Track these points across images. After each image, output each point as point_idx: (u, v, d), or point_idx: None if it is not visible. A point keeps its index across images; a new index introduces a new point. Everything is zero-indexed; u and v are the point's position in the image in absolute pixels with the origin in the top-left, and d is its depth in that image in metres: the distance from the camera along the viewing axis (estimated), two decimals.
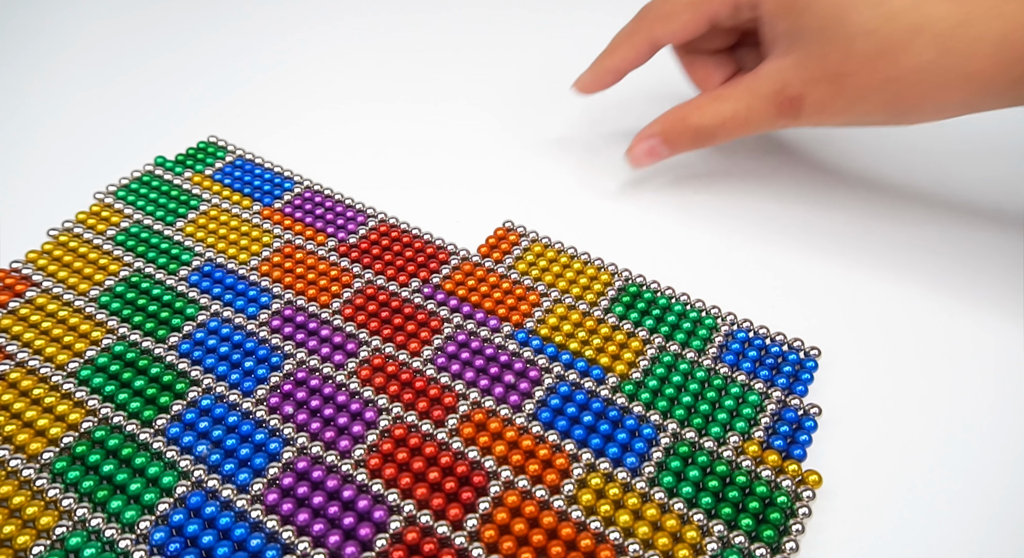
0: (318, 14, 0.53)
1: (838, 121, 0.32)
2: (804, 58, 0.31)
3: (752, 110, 0.33)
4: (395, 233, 0.35)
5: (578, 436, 0.27)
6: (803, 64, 0.31)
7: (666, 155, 0.36)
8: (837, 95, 0.31)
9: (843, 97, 0.31)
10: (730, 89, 0.34)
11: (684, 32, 0.35)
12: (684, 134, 0.35)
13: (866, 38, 0.29)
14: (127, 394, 0.27)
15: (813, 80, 0.31)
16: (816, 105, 0.31)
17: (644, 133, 0.36)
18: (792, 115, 0.32)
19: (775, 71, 0.32)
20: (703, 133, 0.34)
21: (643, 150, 0.36)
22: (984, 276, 0.34)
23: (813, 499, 0.25)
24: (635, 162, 0.36)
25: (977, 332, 0.32)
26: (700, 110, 0.34)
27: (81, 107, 0.43)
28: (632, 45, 0.36)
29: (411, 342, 0.30)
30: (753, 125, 0.33)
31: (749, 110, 0.33)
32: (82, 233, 0.34)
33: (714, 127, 0.34)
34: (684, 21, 0.34)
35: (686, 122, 0.35)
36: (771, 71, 0.32)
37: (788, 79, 0.32)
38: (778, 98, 0.32)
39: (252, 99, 0.44)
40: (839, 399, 0.29)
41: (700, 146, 0.35)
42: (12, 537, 0.23)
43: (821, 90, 0.31)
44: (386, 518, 0.24)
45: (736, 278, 0.34)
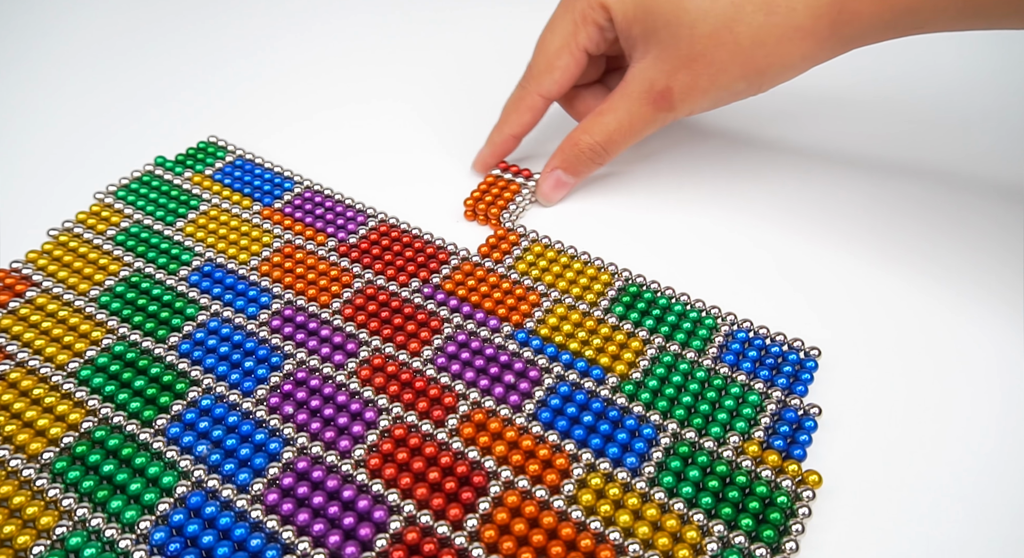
0: (318, 14, 0.53)
1: (709, 100, 0.34)
2: (660, 53, 0.33)
3: (632, 115, 0.35)
4: (395, 233, 0.35)
5: (578, 436, 0.27)
6: (661, 58, 0.33)
7: (573, 183, 0.38)
8: (698, 77, 0.33)
9: (703, 77, 0.33)
10: (608, 103, 0.35)
11: (569, 76, 0.36)
12: (581, 158, 0.36)
13: (704, 19, 0.32)
14: (127, 394, 0.27)
15: (673, 70, 0.33)
16: (684, 92, 0.34)
17: (546, 168, 0.37)
18: (667, 107, 0.34)
19: (640, 72, 0.34)
20: (597, 150, 0.36)
21: (550, 185, 0.37)
22: (985, 276, 0.34)
23: (813, 499, 0.25)
24: (545, 198, 0.38)
25: (978, 332, 0.32)
26: (587, 131, 0.36)
27: (81, 107, 0.43)
28: (524, 107, 0.37)
29: (411, 342, 0.30)
30: (638, 127, 0.35)
31: (630, 115, 0.35)
32: (82, 233, 0.34)
33: (604, 142, 0.36)
34: (565, 65, 0.36)
35: (579, 146, 0.36)
36: (636, 73, 0.34)
37: (652, 76, 0.34)
38: (650, 96, 0.34)
39: (252, 99, 0.44)
40: (839, 399, 0.29)
41: (599, 164, 0.37)
42: (12, 537, 0.23)
43: (683, 77, 0.33)
44: (386, 518, 0.24)
45: (736, 278, 0.34)
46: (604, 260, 0.34)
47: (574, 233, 0.36)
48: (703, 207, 0.38)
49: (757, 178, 0.40)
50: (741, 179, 0.40)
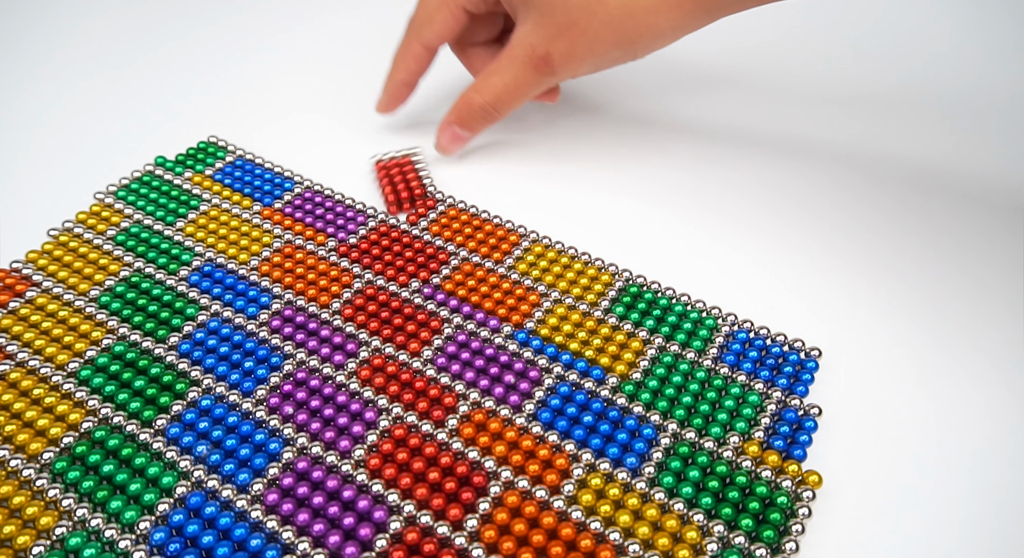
0: (319, 14, 0.53)
1: (587, 66, 0.36)
2: (538, 19, 0.35)
3: (517, 77, 0.37)
4: (395, 233, 0.35)
5: (578, 436, 0.27)
6: (540, 25, 0.35)
7: (467, 138, 0.40)
8: (574, 44, 0.35)
9: (579, 45, 0.35)
10: (496, 64, 0.37)
11: (447, 29, 0.38)
12: (473, 115, 0.38)
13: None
14: (127, 394, 0.27)
15: (551, 37, 0.35)
16: (563, 57, 0.35)
17: (443, 122, 0.39)
18: (548, 72, 0.36)
19: (521, 37, 0.36)
20: (487, 109, 0.38)
21: (447, 138, 0.39)
22: (986, 276, 0.34)
23: (813, 499, 0.25)
24: (443, 150, 0.40)
25: (978, 332, 0.32)
26: (478, 91, 0.38)
27: (81, 107, 0.43)
28: (410, 56, 0.39)
29: (411, 342, 0.30)
30: (523, 89, 0.37)
31: (515, 78, 0.37)
32: (82, 233, 0.34)
33: (494, 102, 0.38)
34: (443, 19, 0.38)
35: (471, 104, 0.38)
36: (519, 38, 0.36)
37: (533, 42, 0.36)
38: (532, 60, 0.36)
39: (253, 99, 0.44)
40: (840, 399, 0.29)
41: (491, 122, 0.39)
42: (12, 537, 0.23)
43: (560, 44, 0.35)
44: (386, 518, 0.24)
45: (737, 279, 0.34)
46: (604, 260, 0.34)
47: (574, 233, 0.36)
48: (704, 208, 0.38)
49: (759, 180, 0.40)
50: (743, 181, 0.40)
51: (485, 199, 0.38)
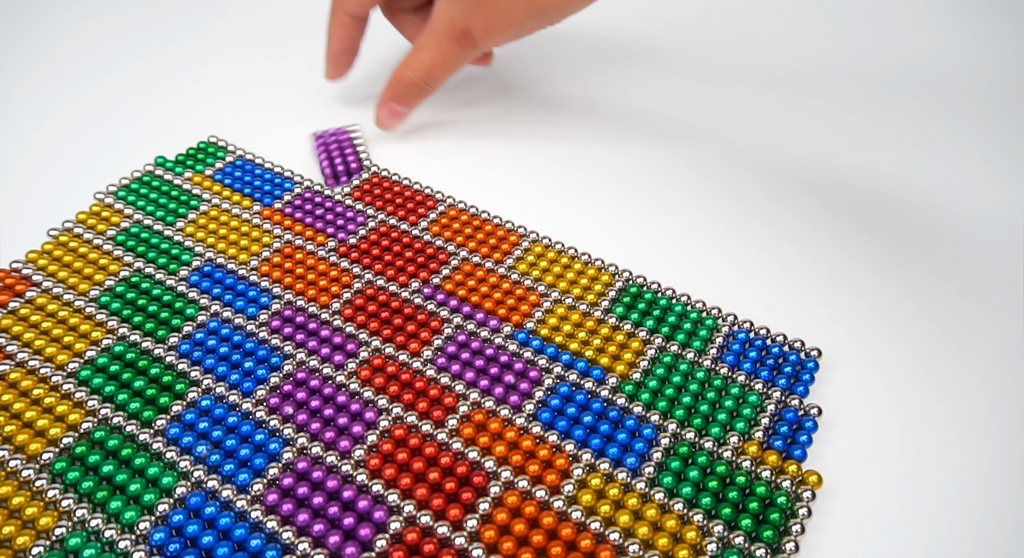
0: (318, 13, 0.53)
1: (507, 36, 0.37)
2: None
3: (443, 51, 0.37)
4: (395, 233, 0.35)
5: (578, 436, 0.27)
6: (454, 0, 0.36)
7: (405, 112, 0.40)
8: (491, 18, 0.36)
9: (496, 18, 0.36)
10: (422, 39, 0.38)
11: None
12: (406, 90, 0.39)
13: None
14: (127, 394, 0.27)
15: (468, 11, 0.36)
16: (482, 31, 0.36)
17: (381, 99, 0.40)
18: (470, 44, 0.37)
19: (442, 11, 0.37)
20: (420, 84, 0.39)
21: (386, 114, 0.40)
22: (986, 276, 0.34)
23: (813, 499, 0.25)
24: (383, 125, 0.41)
25: (978, 332, 0.32)
26: (409, 67, 0.39)
27: (81, 107, 0.43)
28: (339, 24, 0.40)
29: (411, 343, 0.30)
30: (450, 63, 0.38)
31: (441, 52, 0.37)
32: (82, 233, 0.34)
33: (424, 77, 0.38)
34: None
35: (403, 80, 0.39)
36: (439, 12, 0.37)
37: (452, 15, 0.36)
38: (453, 33, 0.37)
39: (252, 99, 0.44)
40: (839, 400, 0.29)
41: (426, 95, 0.40)
42: (12, 537, 0.23)
43: (478, 18, 0.36)
44: (386, 518, 0.24)
45: (737, 279, 0.34)
46: (604, 260, 0.34)
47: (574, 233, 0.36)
48: (704, 208, 0.38)
49: (760, 180, 0.40)
50: (743, 182, 0.40)
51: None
